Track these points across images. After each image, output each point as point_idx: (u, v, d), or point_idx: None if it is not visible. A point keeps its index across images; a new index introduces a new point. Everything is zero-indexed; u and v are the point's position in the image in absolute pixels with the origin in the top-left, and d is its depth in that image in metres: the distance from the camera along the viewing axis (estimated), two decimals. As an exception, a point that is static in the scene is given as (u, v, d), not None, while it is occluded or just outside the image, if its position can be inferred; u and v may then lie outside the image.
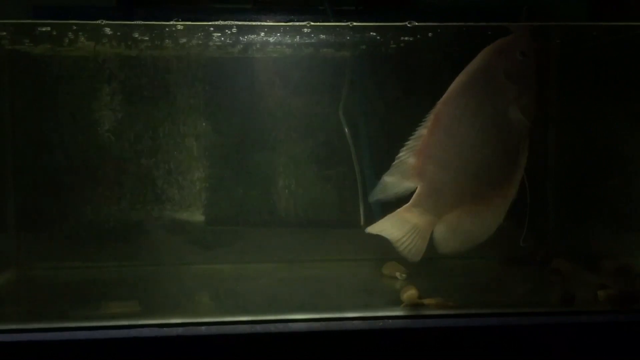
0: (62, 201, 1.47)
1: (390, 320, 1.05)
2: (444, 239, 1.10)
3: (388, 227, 1.10)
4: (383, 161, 1.17)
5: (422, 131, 1.06)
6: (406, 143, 1.08)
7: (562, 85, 1.53)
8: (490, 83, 1.03)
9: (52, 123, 1.46)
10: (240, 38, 1.32)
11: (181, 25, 1.17)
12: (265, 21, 1.24)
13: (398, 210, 1.10)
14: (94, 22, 1.16)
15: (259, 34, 1.29)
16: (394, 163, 1.08)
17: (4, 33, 1.27)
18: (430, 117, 1.05)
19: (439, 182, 1.07)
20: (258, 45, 1.39)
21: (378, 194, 1.11)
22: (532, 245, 1.44)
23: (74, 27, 1.21)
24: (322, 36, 1.30)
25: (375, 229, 1.11)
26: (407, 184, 1.08)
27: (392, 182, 1.08)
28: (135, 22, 1.20)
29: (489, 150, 1.04)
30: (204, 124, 1.50)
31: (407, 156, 1.07)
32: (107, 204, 1.48)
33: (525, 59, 1.03)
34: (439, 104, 1.05)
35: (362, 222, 1.49)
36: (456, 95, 1.04)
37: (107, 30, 1.23)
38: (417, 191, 1.08)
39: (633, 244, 1.44)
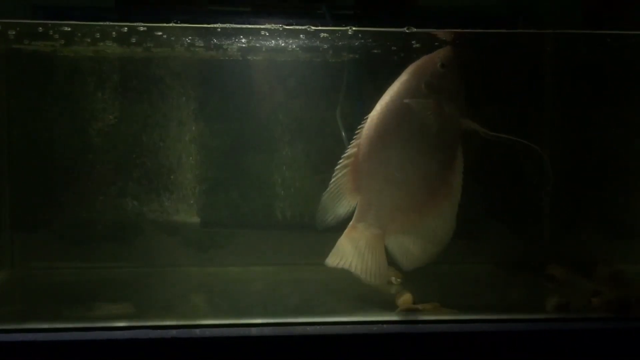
0: (56, 201, 1.46)
1: (385, 325, 1.05)
2: (401, 253, 1.13)
3: (342, 253, 1.13)
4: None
5: (354, 149, 1.11)
6: (339, 162, 1.12)
7: (556, 90, 1.53)
8: (412, 95, 1.07)
9: (47, 123, 1.46)
10: (238, 41, 1.32)
11: (179, 27, 1.17)
12: (264, 24, 1.24)
13: (344, 233, 1.12)
14: (92, 23, 1.16)
15: (257, 37, 1.29)
16: (330, 182, 1.12)
17: (5, 32, 1.26)
18: (359, 135, 1.10)
19: (375, 193, 1.10)
20: (255, 48, 1.40)
21: (322, 217, 1.14)
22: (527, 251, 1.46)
23: (72, 28, 1.21)
24: (320, 40, 1.30)
25: (333, 259, 1.14)
26: (347, 201, 1.12)
27: (332, 201, 1.12)
28: (133, 24, 1.20)
29: (418, 159, 1.08)
30: (200, 125, 1.50)
31: (341, 174, 1.11)
32: (102, 204, 1.47)
33: (446, 70, 1.07)
34: (367, 120, 1.10)
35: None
36: (382, 109, 1.09)
37: (105, 31, 1.23)
38: (357, 207, 1.12)
39: (627, 250, 1.44)
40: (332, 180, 1.12)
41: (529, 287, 1.38)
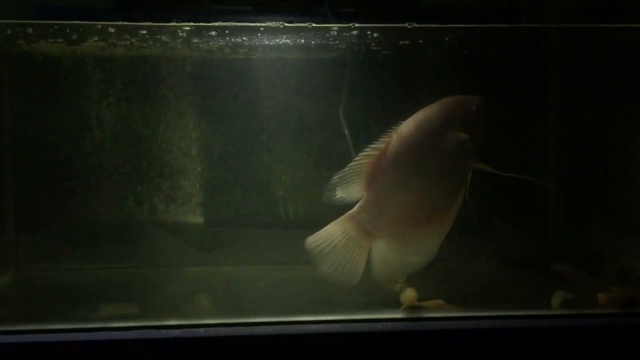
0: (60, 202, 1.47)
1: (389, 323, 1.05)
2: (379, 260, 1.14)
3: (327, 237, 1.13)
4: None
5: (381, 145, 1.14)
6: (365, 150, 1.14)
7: (562, 88, 1.53)
8: (448, 124, 1.14)
9: (51, 124, 1.46)
10: (240, 39, 1.31)
11: (181, 26, 1.17)
12: (266, 22, 1.24)
13: (338, 219, 1.13)
14: (94, 22, 1.16)
15: (258, 35, 1.29)
16: (349, 164, 1.14)
17: (7, 33, 1.27)
18: (391, 135, 1.14)
19: (383, 195, 1.13)
20: (257, 47, 1.39)
21: (330, 193, 1.15)
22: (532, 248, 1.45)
23: (74, 28, 1.21)
24: (322, 37, 1.30)
25: (314, 240, 1.13)
26: (355, 189, 1.14)
27: (342, 182, 1.13)
28: (135, 23, 1.20)
29: (430, 183, 1.13)
30: (203, 125, 1.49)
31: (360, 163, 1.13)
32: (105, 205, 1.47)
33: (478, 113, 1.16)
34: (401, 126, 1.14)
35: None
36: (417, 123, 1.14)
37: (107, 31, 1.23)
38: (361, 200, 1.13)
39: (634, 246, 1.44)
40: (351, 163, 1.13)
41: (534, 284, 1.37)
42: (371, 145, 1.14)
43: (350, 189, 1.14)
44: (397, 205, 1.13)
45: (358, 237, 1.12)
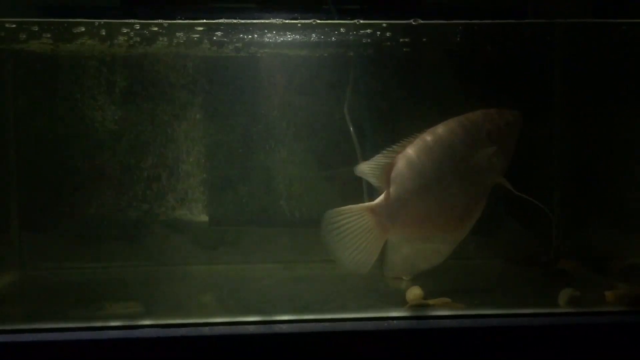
0: (65, 202, 1.47)
1: (395, 321, 1.05)
2: (392, 256, 1.17)
3: (346, 219, 1.15)
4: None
5: (408, 143, 1.18)
6: (394, 145, 1.17)
7: (566, 85, 1.52)
8: (475, 135, 1.18)
9: (54, 123, 1.46)
10: (244, 37, 1.31)
11: (185, 23, 1.17)
12: (269, 19, 1.23)
13: (361, 204, 1.17)
14: (98, 20, 1.16)
15: (262, 32, 1.28)
16: (376, 154, 1.18)
17: (11, 29, 1.26)
18: (420, 136, 1.17)
19: (405, 196, 1.16)
20: (262, 44, 1.39)
21: (352, 170, 1.19)
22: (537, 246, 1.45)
23: (78, 26, 1.21)
24: (327, 34, 1.30)
25: (334, 218, 1.14)
26: (376, 179, 1.17)
27: (366, 166, 1.17)
28: (138, 21, 1.19)
29: (454, 186, 1.16)
30: (207, 123, 1.49)
31: (388, 155, 1.17)
32: (109, 204, 1.47)
33: (508, 129, 1.20)
34: (432, 131, 1.18)
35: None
36: (446, 129, 1.18)
37: (111, 29, 1.23)
38: (384, 194, 1.16)
39: (640, 244, 1.43)
40: (379, 155, 1.17)
41: (540, 282, 1.37)
42: (399, 143, 1.17)
43: (373, 177, 1.17)
44: (417, 208, 1.16)
45: (374, 229, 1.14)
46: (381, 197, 1.16)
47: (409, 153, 1.16)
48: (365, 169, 1.17)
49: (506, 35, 1.37)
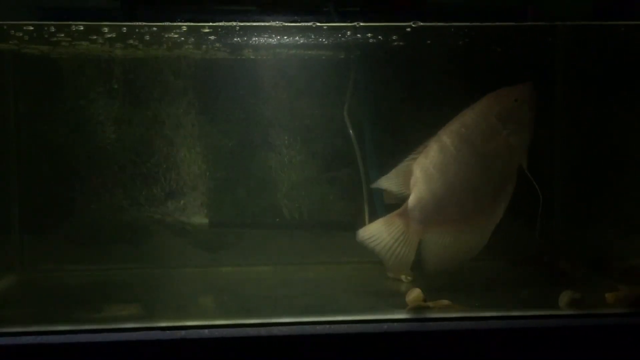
0: (65, 204, 1.47)
1: (395, 323, 1.05)
2: (430, 254, 1.21)
3: (379, 229, 1.20)
4: (388, 163, 1.27)
5: (424, 148, 1.22)
6: (411, 154, 1.22)
7: (568, 86, 1.52)
8: (484, 121, 1.19)
9: (55, 125, 1.46)
10: (244, 39, 1.31)
11: (185, 25, 1.17)
12: (269, 22, 1.23)
13: (388, 215, 1.21)
14: (98, 23, 1.16)
15: (262, 35, 1.28)
16: (400, 163, 1.22)
17: (10, 33, 1.27)
18: (434, 138, 1.21)
19: (429, 194, 1.20)
20: (261, 46, 1.39)
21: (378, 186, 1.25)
22: (538, 246, 1.44)
23: (78, 28, 1.21)
24: (326, 37, 1.30)
25: (365, 234, 1.21)
26: (402, 189, 1.22)
27: (389, 182, 1.23)
28: (138, 23, 1.19)
29: (475, 177, 1.19)
30: (207, 125, 1.49)
31: (407, 163, 1.22)
32: (110, 206, 1.47)
33: (519, 104, 1.20)
34: (441, 131, 1.21)
35: (366, 224, 1.48)
36: (457, 125, 1.21)
37: (111, 31, 1.23)
38: (409, 198, 1.20)
39: (641, 245, 1.43)
40: (401, 163, 1.22)
41: (541, 284, 1.37)
42: (416, 149, 1.21)
43: (396, 187, 1.21)
44: (445, 205, 1.19)
45: (405, 235, 1.19)
46: (408, 202, 1.20)
47: (427, 158, 1.19)
48: (385, 181, 1.22)
49: (507, 37, 1.37)
